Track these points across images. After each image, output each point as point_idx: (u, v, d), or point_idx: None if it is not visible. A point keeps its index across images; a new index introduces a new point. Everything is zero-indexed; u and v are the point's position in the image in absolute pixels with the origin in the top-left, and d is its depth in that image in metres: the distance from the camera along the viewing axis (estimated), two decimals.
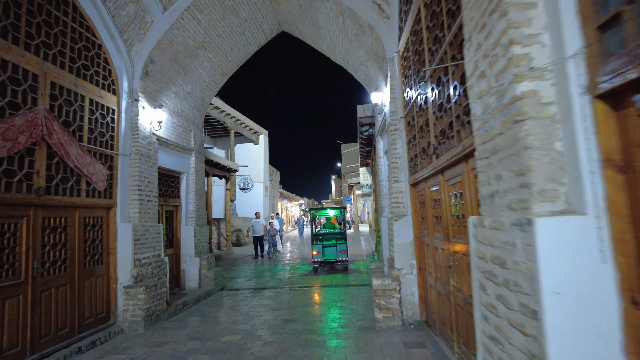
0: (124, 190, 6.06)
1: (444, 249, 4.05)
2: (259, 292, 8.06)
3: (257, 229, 13.99)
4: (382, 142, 7.89)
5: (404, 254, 5.36)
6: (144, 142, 6.49)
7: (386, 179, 7.79)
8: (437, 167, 3.90)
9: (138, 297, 5.59)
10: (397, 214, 5.61)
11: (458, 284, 3.62)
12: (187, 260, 8.05)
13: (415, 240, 5.32)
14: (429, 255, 4.82)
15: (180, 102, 8.00)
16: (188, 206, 8.30)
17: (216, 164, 14.38)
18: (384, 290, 5.22)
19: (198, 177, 8.61)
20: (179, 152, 7.99)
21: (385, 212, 7.72)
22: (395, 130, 5.73)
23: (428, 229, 4.71)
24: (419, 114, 4.62)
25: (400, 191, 5.64)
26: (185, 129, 8.22)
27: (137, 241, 6.02)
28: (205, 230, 8.68)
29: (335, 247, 9.90)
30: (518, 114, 1.68)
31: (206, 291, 7.81)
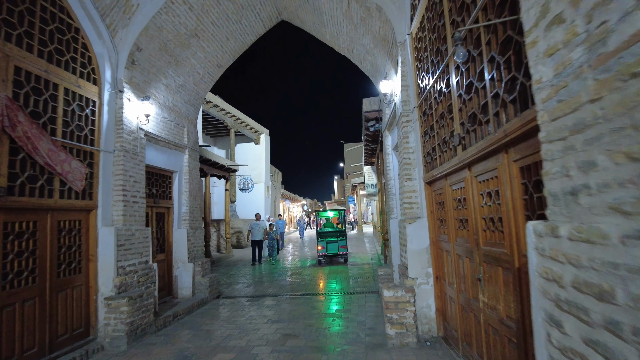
0: (107, 190, 5.47)
1: (470, 257, 3.43)
2: (258, 301, 7.45)
3: (257, 232, 12.89)
4: (390, 138, 7.28)
5: (418, 261, 4.74)
6: (130, 138, 5.90)
7: (395, 177, 7.17)
8: (462, 160, 3.29)
9: (120, 310, 4.99)
10: (411, 216, 4.99)
11: (491, 301, 3.00)
12: (179, 266, 7.46)
13: (432, 245, 4.70)
14: (448, 263, 4.21)
15: (172, 96, 7.41)
16: (181, 208, 7.70)
17: (214, 163, 13.80)
18: (397, 303, 4.59)
19: (192, 176, 8.02)
20: (170, 150, 7.40)
21: (395, 213, 7.10)
22: (408, 122, 5.12)
23: (448, 233, 4.09)
24: (438, 101, 4.00)
25: (413, 190, 5.02)
26: (178, 124, 7.63)
27: (121, 247, 5.43)
28: (200, 234, 8.08)
29: (337, 243, 11.91)
30: (638, 62, 1.07)
31: (200, 300, 7.21)
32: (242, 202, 22.67)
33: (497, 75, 2.51)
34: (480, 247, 3.17)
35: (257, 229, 12.84)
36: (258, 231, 12.82)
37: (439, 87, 3.90)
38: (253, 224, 13.01)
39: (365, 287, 8.08)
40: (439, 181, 4.33)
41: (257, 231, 12.83)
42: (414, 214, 5.00)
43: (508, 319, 2.69)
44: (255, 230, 12.82)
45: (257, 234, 12.83)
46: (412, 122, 5.08)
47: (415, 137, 5.00)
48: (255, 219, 13.36)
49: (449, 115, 3.64)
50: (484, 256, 3.10)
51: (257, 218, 13.37)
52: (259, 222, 13.06)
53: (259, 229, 12.84)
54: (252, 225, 12.99)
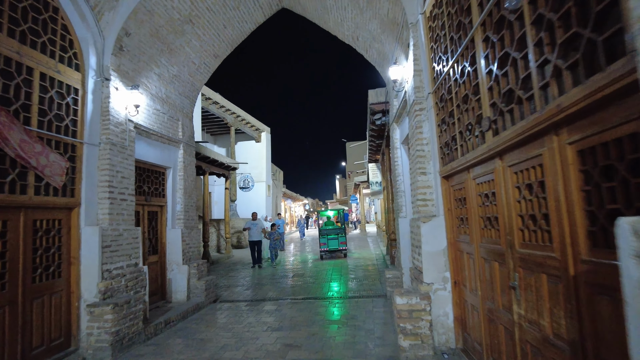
0: (91, 187, 5.01)
1: (501, 261, 2.94)
2: (257, 305, 6.98)
3: (254, 232, 11.92)
4: (399, 131, 6.79)
5: (434, 264, 4.25)
6: (117, 130, 5.43)
7: (404, 173, 6.69)
8: (493, 148, 2.80)
9: (104, 318, 4.52)
10: (425, 215, 4.51)
11: (530, 314, 2.51)
12: (174, 268, 6.99)
13: (450, 247, 4.22)
14: (470, 267, 3.72)
15: (165, 87, 6.95)
16: (175, 206, 7.24)
17: (213, 160, 13.34)
18: (411, 311, 4.11)
19: (187, 173, 7.55)
20: (163, 144, 6.93)
21: (404, 212, 6.62)
22: (421, 110, 4.63)
23: (471, 233, 3.60)
24: (459, 83, 3.51)
25: (428, 186, 4.54)
26: (172, 117, 7.16)
27: (106, 248, 4.97)
28: (196, 234, 7.62)
29: (337, 239, 13.26)
30: None
31: (196, 304, 6.75)
32: (243, 201, 22.21)
33: (546, 37, 2.02)
34: (515, 250, 2.69)
35: (255, 229, 11.96)
36: (256, 231, 11.94)
37: (461, 67, 3.42)
38: (250, 224, 12.08)
39: (372, 291, 7.60)
40: (459, 175, 3.84)
41: (254, 231, 11.94)
42: (428, 212, 4.52)
43: (557, 338, 2.20)
44: (253, 230, 11.94)
45: (255, 234, 11.93)
46: (426, 110, 4.59)
47: (430, 126, 4.52)
48: (252, 218, 12.42)
49: (474, 97, 3.15)
50: (520, 260, 2.62)
51: (253, 217, 12.42)
52: (256, 221, 12.16)
53: (256, 228, 11.95)
54: (249, 225, 12.05)
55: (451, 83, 3.76)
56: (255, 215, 12.49)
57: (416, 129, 4.66)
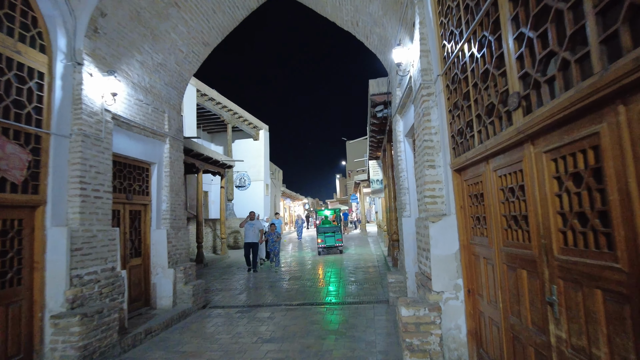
0: (60, 183, 4.48)
1: (531, 269, 2.41)
2: (249, 312, 6.44)
3: (250, 233, 10.91)
4: (402, 123, 6.25)
5: (445, 270, 3.72)
6: (92, 120, 4.90)
7: (408, 169, 6.15)
8: (522, 130, 2.27)
9: (71, 331, 4.00)
10: (434, 213, 3.97)
11: (576, 339, 1.98)
12: (158, 272, 6.46)
13: (463, 250, 3.68)
14: (487, 274, 3.19)
15: (149, 75, 6.41)
16: (160, 205, 6.71)
17: (207, 158, 12.81)
18: (418, 324, 3.58)
19: (174, 169, 7.02)
20: (147, 138, 6.40)
21: (408, 210, 6.08)
22: (429, 95, 4.10)
23: (490, 235, 3.07)
24: (476, 57, 2.98)
25: (437, 181, 4.00)
26: (156, 109, 6.63)
27: (77, 251, 4.44)
28: (183, 235, 7.08)
29: (333, 236, 14.37)
30: None
31: (182, 311, 6.22)
32: (241, 201, 21.68)
33: None
34: (552, 256, 2.15)
35: (251, 230, 10.98)
36: (252, 232, 10.95)
37: (480, 37, 2.88)
38: (246, 223, 11.19)
39: (373, 296, 7.06)
40: (474, 167, 3.31)
41: (250, 232, 10.94)
42: (437, 210, 3.98)
43: None
44: (249, 231, 10.93)
45: (251, 236, 10.90)
46: (435, 94, 4.06)
47: (440, 113, 3.98)
48: (249, 218, 11.35)
49: (497, 72, 2.62)
50: (560, 270, 2.08)
51: (250, 217, 11.35)
52: (253, 221, 11.17)
53: (253, 229, 10.98)
54: (245, 225, 11.16)
55: (466, 60, 3.22)
56: (253, 214, 11.45)
57: (423, 117, 4.12)
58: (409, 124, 5.76)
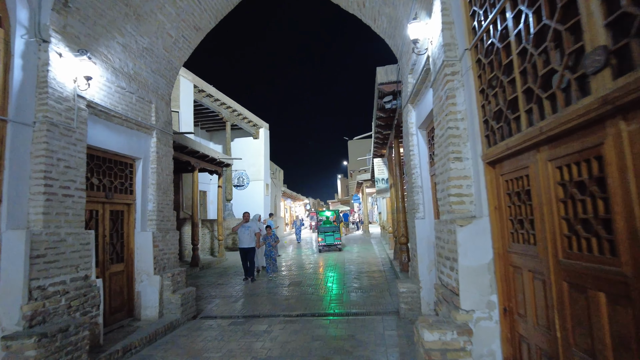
0: (19, 178, 3.84)
1: (613, 293, 1.76)
2: (244, 324, 5.79)
3: (245, 237, 9.45)
4: (415, 113, 5.60)
5: (476, 284, 3.06)
6: (61, 107, 4.26)
7: (421, 165, 5.50)
8: (609, 100, 1.61)
9: (25, 355, 3.35)
10: (461, 215, 3.31)
11: None
12: (143, 279, 5.81)
13: (498, 260, 3.02)
14: (534, 290, 2.54)
15: (133, 61, 5.77)
16: (146, 205, 6.06)
17: (203, 155, 12.19)
18: (445, 351, 2.93)
19: (162, 165, 6.37)
20: (131, 130, 5.76)
21: (421, 211, 5.42)
22: (454, 75, 3.44)
23: (540, 242, 2.41)
24: (526, 17, 2.32)
25: (464, 176, 3.34)
26: (142, 98, 5.98)
27: (39, 258, 3.80)
28: (172, 238, 6.43)
29: (333, 235, 15.65)
30: None
31: (169, 323, 5.57)
32: (240, 201, 21.03)
33: None
34: None
35: (246, 234, 9.43)
36: (247, 236, 9.43)
37: None
38: (240, 225, 9.73)
39: (381, 305, 6.40)
40: (516, 157, 2.65)
41: (245, 236, 9.42)
42: (465, 211, 3.32)
43: None
44: (244, 235, 9.43)
45: (246, 240, 9.41)
46: (461, 73, 3.40)
47: (467, 95, 3.32)
48: (243, 219, 9.80)
49: (562, 26, 1.96)
50: None
51: (244, 218, 9.79)
52: (247, 223, 9.66)
53: (248, 233, 9.43)
54: (239, 228, 9.69)
55: (508, 23, 2.56)
56: (248, 215, 9.98)
57: (446, 101, 3.46)
58: (423, 114, 5.11)
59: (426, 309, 5.25)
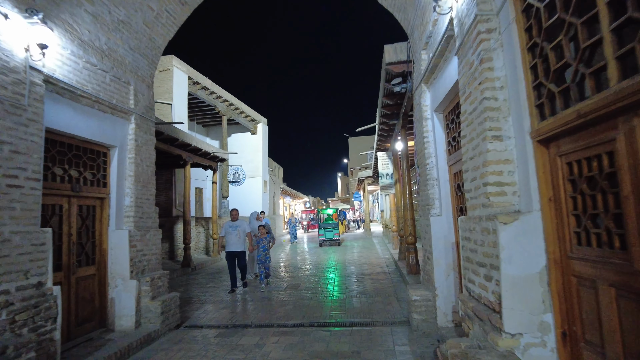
0: None
1: None
2: (232, 335, 5.08)
3: (233, 238, 7.83)
4: (429, 95, 4.87)
5: (523, 299, 2.33)
6: (5, 79, 3.53)
7: (437, 153, 4.76)
8: None
9: None
10: (502, 210, 2.58)
11: None
12: (118, 284, 5.09)
13: (555, 268, 2.30)
14: (618, 311, 1.82)
15: (106, 35, 5.03)
16: (122, 199, 5.34)
17: (196, 149, 11.46)
18: None
19: (141, 155, 5.65)
20: (104, 114, 5.03)
21: (437, 207, 4.70)
22: (489, 32, 2.71)
23: (635, 247, 1.68)
24: None
25: (505, 160, 2.61)
26: (118, 78, 5.25)
27: None
28: (152, 237, 5.71)
29: (332, 231, 17.30)
30: None
31: (146, 334, 4.86)
32: (237, 198, 20.31)
33: None
34: None
35: (234, 234, 7.84)
36: (235, 237, 7.84)
37: None
38: (227, 226, 7.99)
39: (388, 314, 5.68)
40: (590, 130, 1.92)
41: (233, 237, 7.84)
42: (506, 204, 2.59)
43: None
44: (231, 236, 7.84)
45: (234, 242, 7.83)
46: (499, 30, 2.67)
47: (510, 56, 2.59)
48: (231, 217, 8.23)
49: None
50: None
51: (233, 216, 8.20)
52: (236, 222, 8.04)
53: (237, 233, 7.84)
54: (226, 228, 7.97)
55: None
56: (236, 213, 8.29)
57: (481, 65, 2.73)
58: (440, 94, 4.38)
59: (443, 320, 4.53)
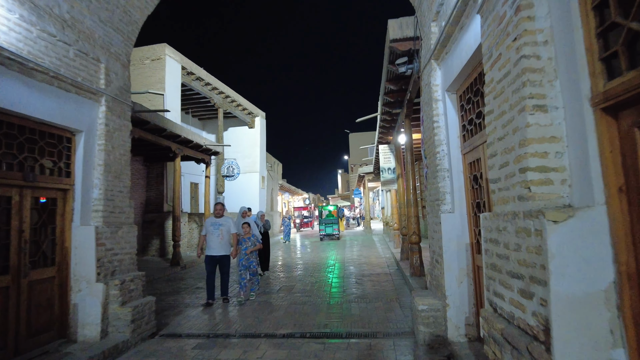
0: None
1: None
2: (214, 347, 4.46)
3: (214, 239, 6.35)
4: (441, 72, 4.21)
5: (581, 326, 1.69)
6: None
7: (449, 140, 4.11)
8: None
9: None
10: (549, 204, 1.93)
11: None
12: (82, 287, 4.47)
13: (627, 285, 1.65)
14: None
15: (69, 2, 4.38)
16: (89, 192, 4.70)
17: (186, 140, 10.83)
18: None
19: (113, 142, 5.01)
20: (66, 93, 4.38)
21: (449, 202, 4.06)
22: None
23: None
24: None
25: (550, 137, 1.96)
26: (84, 53, 4.60)
27: None
28: (126, 234, 5.07)
29: (332, 226, 19.12)
30: None
31: (113, 345, 4.24)
32: (233, 193, 19.70)
33: None
34: None
35: (216, 234, 6.33)
36: (216, 237, 6.32)
37: None
38: (209, 224, 6.44)
39: (390, 323, 5.04)
40: None
41: (214, 238, 6.32)
42: (553, 196, 1.94)
43: None
44: (213, 237, 6.33)
45: (216, 245, 6.32)
46: None
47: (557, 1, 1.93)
48: (214, 213, 6.61)
49: None
50: None
51: (217, 212, 6.57)
52: (220, 219, 6.47)
53: (219, 233, 6.32)
54: (207, 226, 6.45)
55: None
56: (221, 208, 6.64)
57: (516, 16, 2.08)
58: (454, 70, 3.72)
59: (454, 334, 3.90)
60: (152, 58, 14.38)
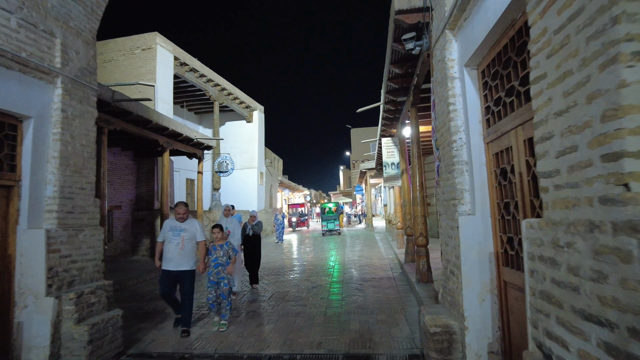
0: None
1: None
2: None
3: (173, 248, 4.68)
4: (457, 45, 3.46)
5: None
6: None
7: (468, 127, 3.36)
8: None
9: None
10: None
11: None
12: (28, 303, 3.77)
13: None
14: None
15: None
16: (41, 188, 3.99)
17: (175, 134, 10.11)
18: None
19: (72, 131, 4.29)
20: (8, 71, 3.66)
21: (469, 202, 3.32)
22: None
23: None
24: None
25: None
26: (32, 25, 3.87)
27: None
28: (89, 238, 4.37)
29: (333, 222, 20.81)
30: None
31: None
32: (230, 190, 19.01)
33: None
34: None
35: (174, 243, 4.70)
36: (175, 246, 4.69)
37: None
38: (167, 228, 4.83)
39: (394, 342, 4.32)
40: None
41: (172, 247, 4.69)
42: None
43: None
44: (171, 246, 4.70)
45: (174, 257, 4.67)
46: None
47: None
48: (175, 215, 4.86)
49: None
50: None
51: (178, 213, 4.82)
52: (183, 223, 4.80)
53: (178, 241, 4.69)
54: (164, 232, 4.84)
55: None
56: (184, 210, 4.84)
57: None
58: (475, 39, 2.98)
59: None
60: (143, 47, 13.66)
